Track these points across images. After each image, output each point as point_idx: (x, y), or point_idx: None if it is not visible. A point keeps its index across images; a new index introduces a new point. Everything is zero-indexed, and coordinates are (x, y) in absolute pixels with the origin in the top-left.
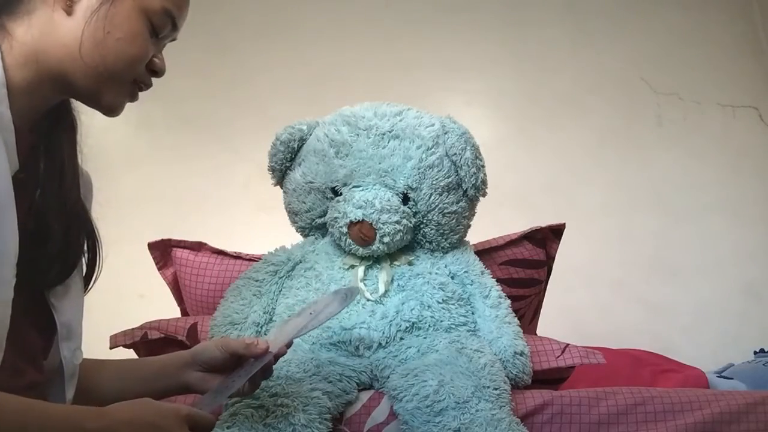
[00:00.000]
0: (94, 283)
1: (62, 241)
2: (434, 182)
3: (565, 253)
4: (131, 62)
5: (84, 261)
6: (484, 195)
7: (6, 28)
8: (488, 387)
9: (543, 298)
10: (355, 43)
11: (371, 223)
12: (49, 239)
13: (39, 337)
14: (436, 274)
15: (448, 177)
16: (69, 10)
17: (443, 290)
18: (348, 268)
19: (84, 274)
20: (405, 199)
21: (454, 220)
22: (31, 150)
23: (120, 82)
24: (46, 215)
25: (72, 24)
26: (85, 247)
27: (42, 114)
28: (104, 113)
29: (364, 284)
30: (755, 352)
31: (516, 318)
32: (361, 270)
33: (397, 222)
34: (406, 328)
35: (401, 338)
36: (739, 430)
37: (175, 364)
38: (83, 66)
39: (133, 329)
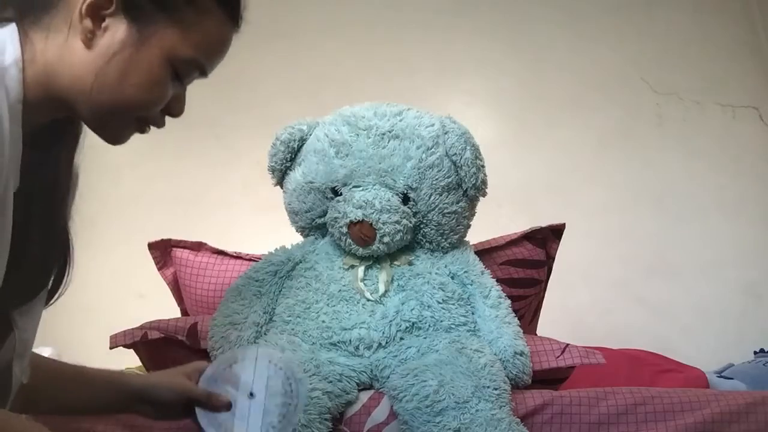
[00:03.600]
0: (57, 299)
1: (40, 263)
2: (434, 182)
3: (565, 253)
4: (143, 107)
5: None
6: (484, 195)
7: (29, 36)
8: (488, 387)
9: (543, 298)
10: (355, 43)
11: (371, 223)
12: (26, 260)
13: None
14: (436, 274)
15: (448, 177)
16: (89, 44)
17: (443, 290)
18: (348, 268)
19: (49, 287)
20: (405, 199)
21: (454, 220)
22: (24, 164)
23: (127, 122)
24: (28, 236)
25: (89, 58)
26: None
27: (42, 126)
28: (107, 142)
29: (364, 284)
30: (755, 352)
31: (516, 318)
32: (361, 270)
33: (397, 222)
34: (406, 328)
35: (401, 338)
36: (739, 430)
37: (123, 395)
38: (91, 101)
39: (133, 329)
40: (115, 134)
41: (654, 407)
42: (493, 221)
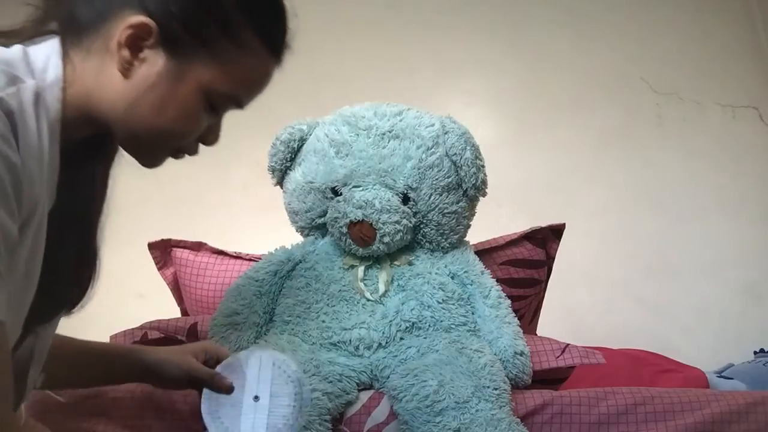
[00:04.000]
0: (79, 309)
1: (72, 281)
2: (434, 182)
3: (565, 253)
4: (176, 138)
5: None
6: (484, 195)
7: (69, 55)
8: (488, 387)
9: (543, 298)
10: (355, 44)
11: (371, 223)
12: (59, 278)
13: None
14: (436, 274)
15: (448, 177)
16: (125, 73)
17: (443, 290)
18: (348, 268)
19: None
20: (405, 199)
21: (454, 220)
22: (61, 181)
23: (162, 149)
24: (63, 254)
25: (125, 87)
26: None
27: (80, 142)
28: (142, 166)
29: (364, 284)
30: (755, 352)
31: (516, 318)
32: (361, 270)
33: (397, 222)
34: (406, 328)
35: (401, 338)
36: (739, 430)
37: (137, 369)
38: (125, 128)
39: (133, 329)
40: (149, 160)
41: (654, 407)
42: (493, 221)
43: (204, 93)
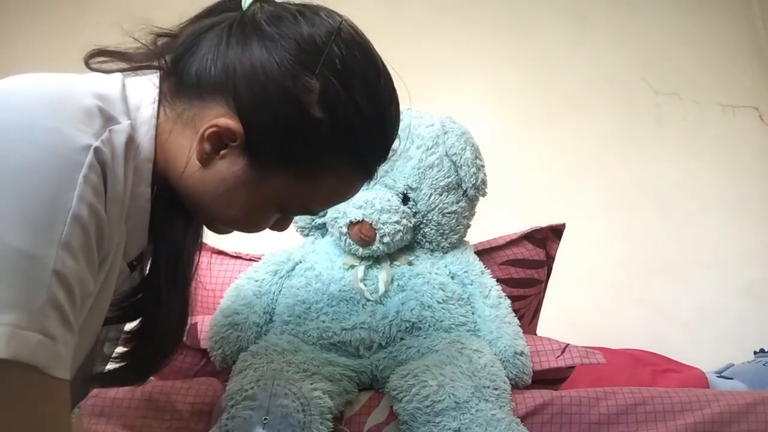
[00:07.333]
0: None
1: (153, 349)
2: (434, 182)
3: (565, 253)
4: (239, 229)
5: None
6: (483, 195)
7: (163, 105)
8: (488, 387)
9: (543, 298)
10: None
11: (371, 224)
12: (151, 342)
13: None
14: (436, 274)
15: (448, 177)
16: (203, 163)
17: (443, 290)
18: (348, 268)
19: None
20: (405, 199)
21: (453, 220)
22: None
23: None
24: (153, 317)
25: (199, 174)
26: None
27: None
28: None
29: (364, 284)
30: (755, 352)
31: (516, 318)
32: (361, 270)
33: (397, 222)
34: (406, 328)
35: (401, 338)
36: (739, 430)
37: None
38: (191, 205)
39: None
40: (209, 228)
41: (654, 407)
42: (493, 221)
43: (277, 201)
